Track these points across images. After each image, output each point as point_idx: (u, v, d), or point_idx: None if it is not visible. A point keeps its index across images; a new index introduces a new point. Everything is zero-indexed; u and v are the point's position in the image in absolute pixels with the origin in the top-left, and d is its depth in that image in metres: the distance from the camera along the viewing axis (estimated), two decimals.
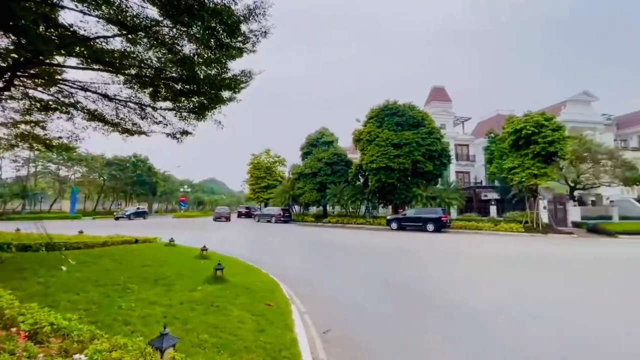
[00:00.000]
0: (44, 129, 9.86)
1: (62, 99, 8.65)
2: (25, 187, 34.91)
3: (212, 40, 7.22)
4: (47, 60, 7.43)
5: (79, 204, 42.98)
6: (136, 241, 10.91)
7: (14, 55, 6.79)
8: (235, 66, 8.13)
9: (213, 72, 7.86)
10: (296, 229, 24.28)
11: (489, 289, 6.67)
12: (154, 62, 7.77)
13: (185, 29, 6.88)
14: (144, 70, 8.01)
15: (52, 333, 2.43)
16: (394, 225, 23.26)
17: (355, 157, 33.19)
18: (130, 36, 7.17)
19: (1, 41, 6.94)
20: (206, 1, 6.28)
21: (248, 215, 42.60)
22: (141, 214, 37.18)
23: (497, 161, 26.78)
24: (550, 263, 10.08)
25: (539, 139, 20.22)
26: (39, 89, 8.44)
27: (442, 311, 5.09)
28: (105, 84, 8.41)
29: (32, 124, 9.73)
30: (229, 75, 7.80)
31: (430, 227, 21.34)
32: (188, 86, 8.18)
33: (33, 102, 8.70)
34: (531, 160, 20.57)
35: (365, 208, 30.13)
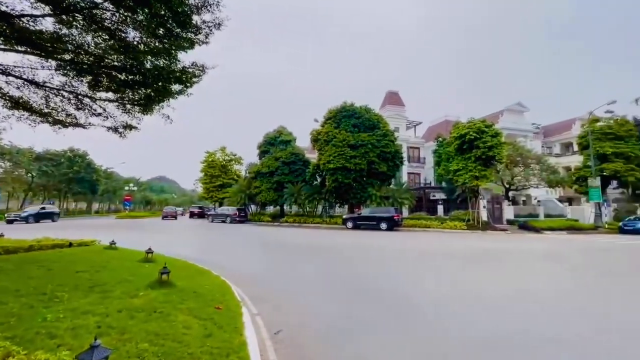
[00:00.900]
0: None
1: None
2: None
3: (160, 29, 6.77)
4: None
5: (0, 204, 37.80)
6: (70, 244, 9.86)
7: None
8: (187, 58, 7.74)
9: (161, 62, 7.38)
10: (252, 229, 23.77)
11: (431, 282, 7.11)
12: (93, 48, 7.08)
13: (130, 14, 6.37)
14: (81, 56, 7.26)
15: None
16: (350, 224, 23.83)
17: (313, 157, 33.41)
18: (63, 17, 6.46)
19: None
20: None
21: (201, 215, 40.79)
22: (48, 216, 27.87)
23: (445, 164, 28.67)
24: (485, 256, 11.04)
25: (480, 144, 22.07)
26: None
27: (392, 306, 5.31)
28: (32, 68, 7.48)
29: None
30: (179, 67, 7.38)
31: (384, 225, 22.21)
32: (133, 76, 7.59)
33: None
34: (473, 163, 22.36)
35: (322, 208, 30.45)
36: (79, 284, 5.25)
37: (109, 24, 6.66)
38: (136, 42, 6.82)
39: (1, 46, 6.62)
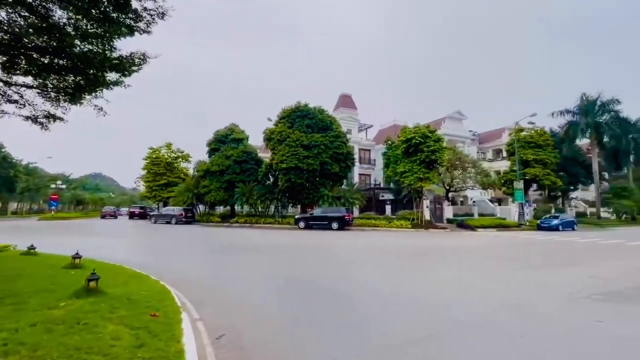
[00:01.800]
0: None
1: None
2: None
3: (93, 10, 6.14)
4: None
5: None
6: None
7: None
8: (129, 46, 7.11)
9: (94, 48, 6.68)
10: (199, 230, 22.67)
11: (376, 279, 7.42)
12: (7, 25, 6.17)
13: None
14: None
15: None
16: (302, 224, 23.90)
17: (266, 156, 32.91)
18: None
19: None
20: None
21: (143, 215, 37.79)
22: None
23: (393, 166, 30.12)
24: (425, 253, 11.84)
25: (424, 148, 23.58)
26: None
27: (340, 305, 5.43)
28: None
29: None
30: (116, 54, 6.76)
31: (335, 225, 22.66)
32: (59, 61, 6.76)
33: None
34: (418, 166, 23.83)
35: (274, 208, 30.13)
36: None
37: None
38: (63, 23, 6.09)
39: None
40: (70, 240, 14.63)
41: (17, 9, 6.11)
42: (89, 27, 6.23)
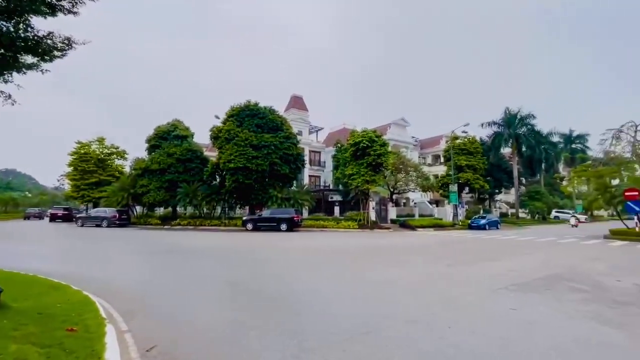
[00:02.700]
0: None
1: None
2: None
3: None
4: None
5: None
6: None
7: None
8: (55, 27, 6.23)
9: (4, 24, 5.76)
10: (135, 234, 20.86)
11: (320, 280, 7.54)
12: None
13: None
14: None
15: None
16: (250, 225, 23.35)
17: (213, 155, 31.55)
18: None
19: None
20: None
21: (68, 217, 33.64)
22: None
23: (342, 168, 30.92)
24: (369, 252, 12.36)
25: (371, 152, 24.63)
26: None
27: (281, 308, 5.39)
28: None
29: None
30: (31, 34, 5.91)
31: (284, 226, 22.52)
32: None
33: None
34: (365, 169, 24.80)
35: (221, 209, 28.99)
36: None
37: None
38: None
39: None
40: None
41: None
42: None
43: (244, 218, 24.61)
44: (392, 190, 32.68)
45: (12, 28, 5.74)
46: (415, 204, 37.14)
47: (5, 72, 5.99)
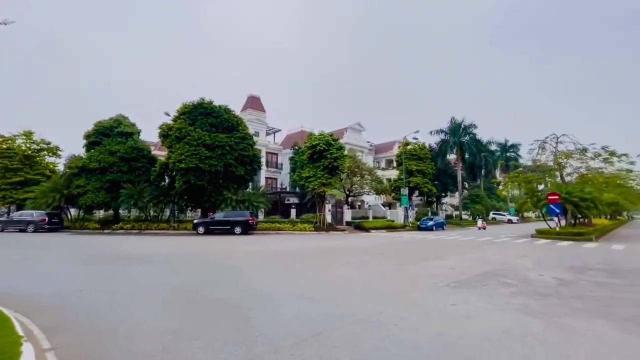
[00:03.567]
0: None
1: None
2: None
3: None
4: None
5: None
6: None
7: None
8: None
9: None
10: (68, 239, 18.82)
11: (269, 281, 7.43)
12: None
13: None
14: None
15: None
16: (201, 229, 22.32)
17: (162, 154, 29.71)
18: None
19: None
20: None
21: None
22: None
23: (299, 170, 30.96)
24: (322, 254, 12.48)
25: (328, 155, 24.98)
26: None
27: (227, 316, 5.19)
28: None
29: None
30: None
31: (238, 229, 21.88)
32: None
33: None
34: (322, 172, 25.07)
35: (170, 212, 27.33)
36: None
37: None
38: None
39: None
40: None
41: None
42: None
43: (195, 221, 23.46)
44: (347, 193, 33.42)
45: None
46: (369, 206, 38.40)
47: None
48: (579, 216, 23.34)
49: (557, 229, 21.07)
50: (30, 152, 33.09)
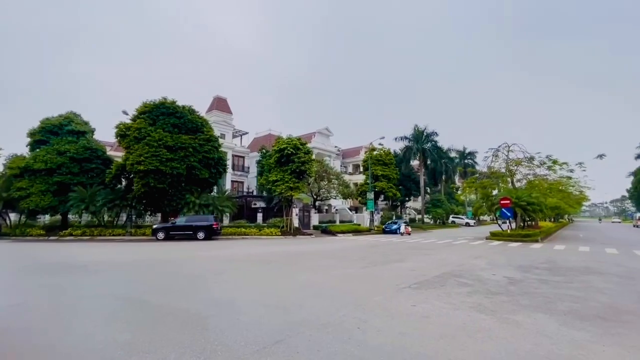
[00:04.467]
0: None
1: None
2: None
3: None
4: None
5: None
6: None
7: None
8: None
9: None
10: (5, 247, 16.98)
11: (231, 288, 7.22)
12: None
13: None
14: None
15: None
16: (161, 235, 21.20)
17: (118, 155, 27.93)
18: None
19: None
20: None
21: None
22: None
23: (266, 174, 30.54)
24: (287, 258, 12.37)
25: (295, 159, 24.93)
26: None
27: (185, 325, 4.95)
28: None
29: None
30: None
31: (201, 235, 21.08)
32: None
33: None
34: (289, 176, 24.95)
35: (126, 216, 25.70)
36: None
37: None
38: None
39: None
40: None
41: None
42: None
43: (155, 226, 22.22)
44: (315, 197, 33.54)
45: None
46: (336, 210, 38.80)
47: None
48: (527, 219, 25.33)
49: (509, 231, 22.66)
50: None
